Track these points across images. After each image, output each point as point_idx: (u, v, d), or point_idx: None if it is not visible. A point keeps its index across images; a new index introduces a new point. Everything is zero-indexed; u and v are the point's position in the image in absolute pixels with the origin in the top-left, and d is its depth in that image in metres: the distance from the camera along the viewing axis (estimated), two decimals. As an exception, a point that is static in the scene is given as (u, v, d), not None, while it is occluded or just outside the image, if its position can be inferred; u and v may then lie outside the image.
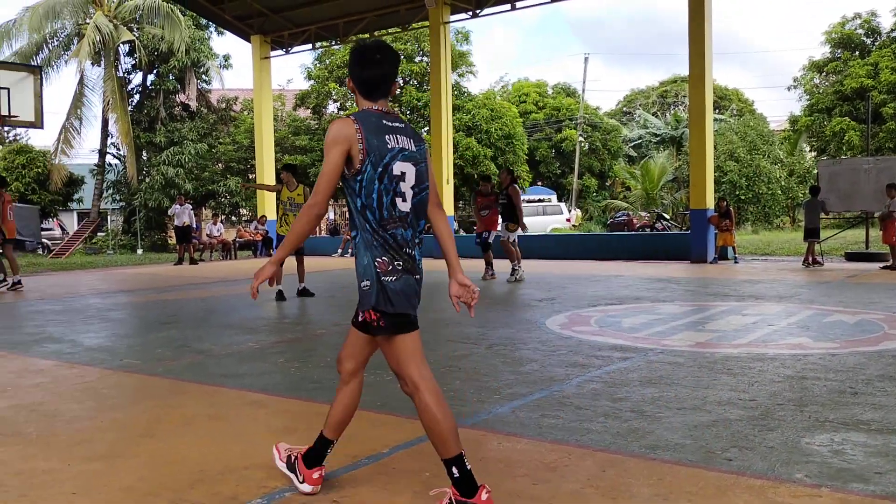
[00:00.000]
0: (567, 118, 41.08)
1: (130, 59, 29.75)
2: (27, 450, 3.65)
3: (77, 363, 5.87)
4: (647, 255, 16.53)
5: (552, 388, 4.67)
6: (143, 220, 29.01)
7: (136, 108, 29.66)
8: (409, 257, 2.77)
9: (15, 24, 26.91)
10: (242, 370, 5.48)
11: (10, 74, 16.38)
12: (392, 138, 2.73)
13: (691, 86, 15.93)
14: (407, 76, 29.75)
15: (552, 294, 9.97)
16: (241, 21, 22.41)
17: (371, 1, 20.32)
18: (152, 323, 8.44)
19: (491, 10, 19.12)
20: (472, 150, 28.43)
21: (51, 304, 10.41)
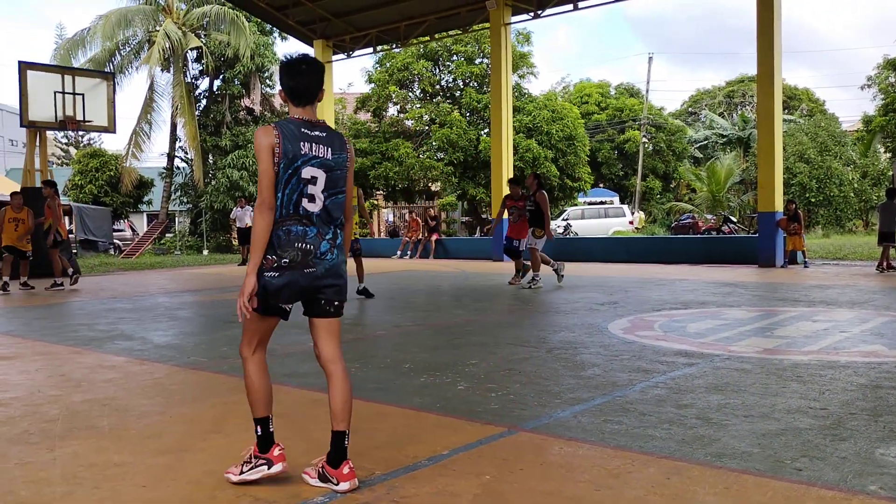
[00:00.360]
0: (630, 119, 40.51)
1: (198, 65, 30.59)
2: (100, 443, 3.77)
3: (147, 360, 6.06)
4: (713, 259, 16.16)
5: (615, 393, 4.60)
6: (208, 222, 29.76)
7: (202, 113, 30.48)
8: (302, 252, 3.06)
9: (89, 33, 27.97)
10: (304, 369, 5.56)
11: (85, 81, 17.04)
12: (307, 145, 3.06)
13: (759, 85, 15.52)
14: (467, 78, 29.78)
15: (614, 298, 9.83)
16: (304, 26, 22.79)
17: (431, 4, 20.42)
18: (218, 322, 8.64)
19: (553, 10, 18.99)
20: (533, 151, 28.26)
21: (122, 302, 10.77)
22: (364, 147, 29.30)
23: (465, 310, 9.10)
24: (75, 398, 4.75)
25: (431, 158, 29.42)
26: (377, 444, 3.66)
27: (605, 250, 18.49)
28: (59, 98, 16.14)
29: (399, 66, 29.52)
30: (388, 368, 5.49)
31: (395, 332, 7.37)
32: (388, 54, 29.39)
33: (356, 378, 5.20)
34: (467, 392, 4.68)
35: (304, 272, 3.08)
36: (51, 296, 12.04)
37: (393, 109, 31.60)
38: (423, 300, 10.49)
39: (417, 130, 30.52)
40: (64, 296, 12.02)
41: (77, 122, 16.61)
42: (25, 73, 15.89)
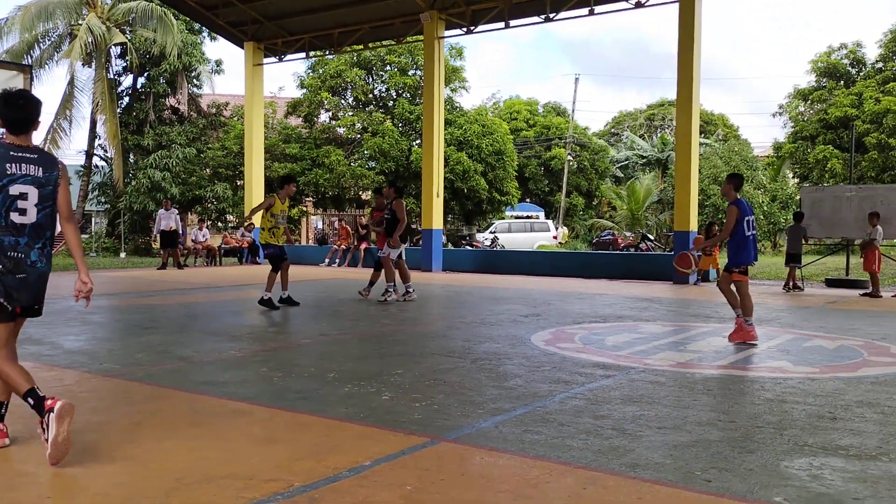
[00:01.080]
0: (556, 137, 41.34)
1: (122, 62, 29.64)
2: (3, 453, 3.61)
3: (56, 366, 5.82)
4: (631, 275, 16.61)
5: (535, 403, 4.68)
6: (127, 224, 28.81)
7: (125, 111, 29.53)
8: (13, 260, 3.50)
9: (6, 23, 26.75)
10: (224, 378, 5.45)
11: (1, 73, 16.29)
12: (15, 166, 3.50)
13: (678, 109, 16.08)
14: (400, 89, 29.81)
15: (537, 310, 9.99)
16: (234, 27, 22.41)
17: (366, 13, 20.39)
18: (134, 327, 8.38)
19: (485, 27, 19.25)
20: (463, 164, 28.48)
21: (32, 304, 10.30)
22: (294, 153, 28.93)
23: (392, 319, 9.09)
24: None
25: (363, 167, 29.29)
26: (298, 454, 3.62)
27: (530, 264, 18.77)
28: (-30, 89, 15.41)
29: (332, 73, 29.32)
30: (311, 377, 5.43)
31: (321, 341, 7.30)
32: (321, 60, 29.16)
33: (278, 387, 5.13)
34: (391, 402, 4.68)
35: (16, 278, 3.51)
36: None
37: (325, 116, 31.33)
38: (350, 309, 10.43)
39: (349, 138, 30.35)
40: None
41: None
42: (-67, 61, 15.10)
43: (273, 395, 4.88)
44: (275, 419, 4.33)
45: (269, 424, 4.21)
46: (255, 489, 3.12)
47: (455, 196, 29.42)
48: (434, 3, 18.63)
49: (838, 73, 32.92)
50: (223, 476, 3.29)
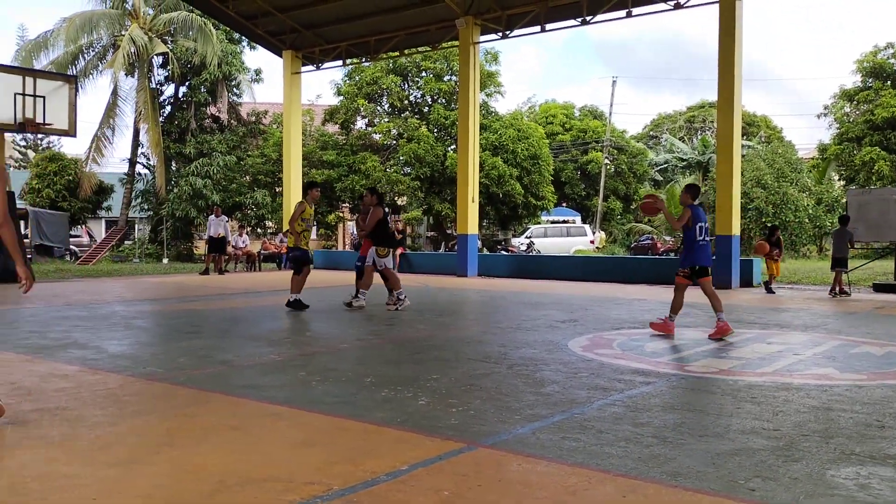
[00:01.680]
0: (593, 140, 41.06)
1: (163, 71, 30.25)
2: (50, 453, 3.68)
3: (101, 369, 5.93)
4: (671, 280, 16.34)
5: (573, 410, 4.63)
6: (169, 230, 29.32)
7: (167, 120, 30.10)
8: None
9: (52, 35, 27.48)
10: (264, 382, 5.50)
11: (47, 83, 16.72)
12: None
13: (720, 111, 15.86)
14: (435, 94, 29.91)
15: (574, 316, 9.91)
16: (273, 36, 22.71)
17: (402, 20, 20.52)
18: (176, 332, 8.51)
19: (520, 31, 19.21)
20: (498, 169, 28.44)
21: (77, 310, 10.54)
22: (331, 159, 29.20)
23: (427, 324, 9.10)
24: (25, 407, 4.63)
25: (398, 173, 29.43)
26: (336, 458, 3.64)
27: (566, 268, 18.66)
28: (20, 100, 15.81)
29: (368, 80, 29.54)
30: (349, 382, 5.46)
31: (357, 346, 7.33)
32: (357, 68, 29.40)
33: (316, 391, 5.17)
34: (428, 407, 4.68)
35: None
36: (1, 301, 11.74)
37: (361, 123, 31.59)
38: (385, 314, 10.45)
39: (385, 144, 30.53)
40: (16, 302, 11.73)
41: (36, 125, 16.27)
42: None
43: (311, 399, 4.91)
44: (313, 423, 4.35)
45: (307, 428, 4.23)
46: (294, 492, 3.14)
47: (490, 201, 29.39)
48: (469, 9, 18.65)
49: (885, 72, 32.12)
50: (263, 479, 3.32)
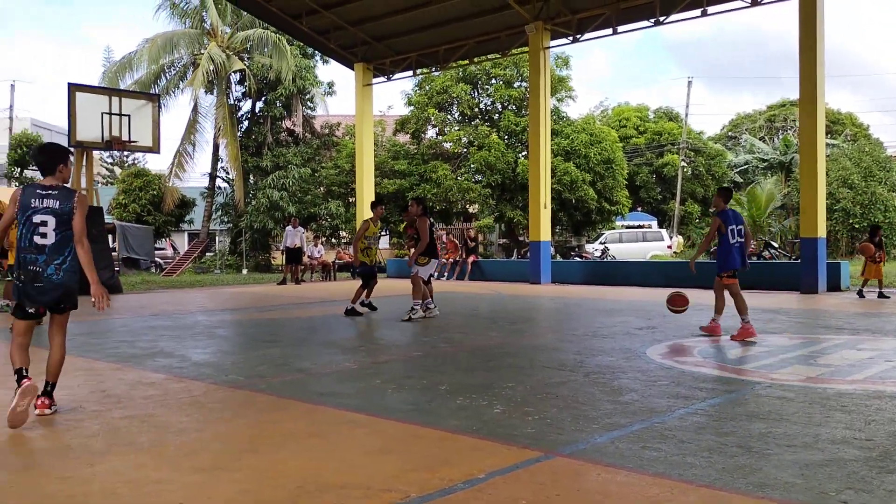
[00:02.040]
0: (669, 143, 40.21)
1: (241, 88, 31.19)
2: (139, 459, 3.82)
3: (185, 377, 6.13)
4: (753, 285, 15.85)
5: (653, 419, 4.52)
6: (248, 241, 30.15)
7: (244, 134, 31.01)
8: (31, 272, 4.55)
9: (136, 56, 28.73)
10: (340, 389, 5.57)
11: (131, 102, 17.46)
12: (38, 200, 4.54)
13: (802, 109, 15.30)
14: (505, 101, 29.85)
15: (652, 322, 9.70)
16: (345, 50, 23.13)
17: (471, 28, 20.59)
18: (255, 341, 8.72)
19: (591, 34, 19.00)
20: (571, 174, 28.15)
21: (162, 320, 10.93)
22: (403, 169, 29.49)
23: (501, 332, 9.06)
24: (115, 414, 4.81)
25: (469, 180, 29.49)
26: (412, 465, 3.64)
27: (642, 274, 18.30)
28: (106, 119, 16.55)
29: (438, 89, 29.73)
30: (423, 390, 5.47)
31: (431, 354, 7.35)
32: (427, 77, 29.63)
33: (391, 399, 5.20)
34: (503, 415, 4.64)
35: (36, 285, 4.55)
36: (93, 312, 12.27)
37: (432, 132, 31.80)
38: (459, 322, 10.47)
39: (456, 153, 30.65)
40: (106, 312, 12.24)
41: (123, 143, 17.00)
42: (74, 94, 16.34)
43: (386, 407, 4.95)
44: (389, 430, 4.38)
45: (383, 435, 4.26)
46: (372, 498, 3.16)
47: (563, 207, 29.11)
48: (539, 14, 18.57)
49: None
50: (341, 485, 3.35)
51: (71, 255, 4.63)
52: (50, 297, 4.60)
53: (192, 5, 29.86)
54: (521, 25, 19.11)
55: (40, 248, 4.54)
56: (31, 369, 4.63)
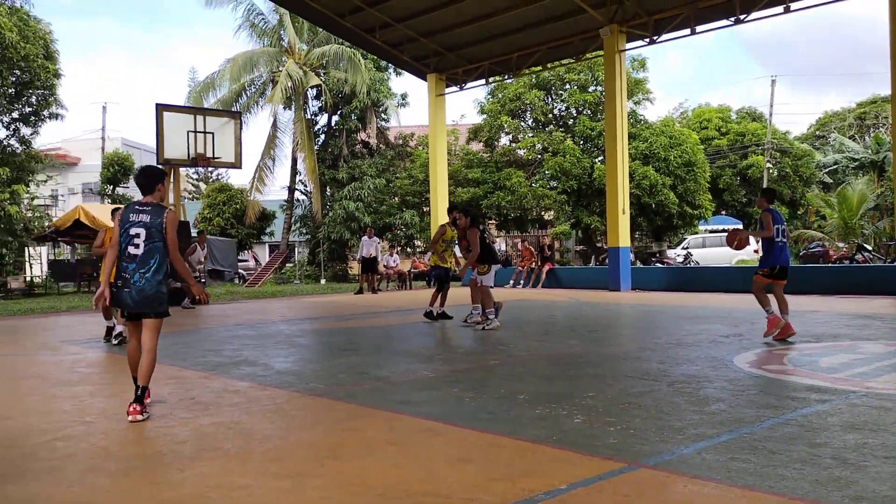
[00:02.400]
0: (753, 144, 38.97)
1: (317, 102, 31.91)
2: (226, 464, 3.92)
3: (269, 385, 6.27)
4: (846, 290, 15.18)
5: (741, 429, 4.36)
6: (326, 252, 30.75)
7: (321, 147, 31.69)
8: (124, 279, 5.10)
9: (218, 75, 29.79)
10: (419, 398, 5.60)
11: (215, 120, 18.09)
12: (134, 215, 5.15)
13: (894, 105, 14.57)
14: (580, 106, 29.57)
15: (739, 330, 9.39)
16: (418, 61, 23.37)
17: (544, 34, 20.48)
18: (335, 349, 8.87)
19: (669, 35, 18.61)
20: (650, 178, 27.61)
21: (246, 329, 11.24)
22: (476, 177, 29.54)
23: (580, 340, 8.93)
24: (203, 421, 4.96)
25: (544, 187, 29.29)
26: (493, 475, 3.62)
27: (728, 280, 17.74)
28: (192, 137, 17.18)
29: (511, 97, 29.69)
30: (502, 398, 5.44)
31: (509, 362, 7.31)
32: (500, 85, 29.63)
33: (470, 407, 5.19)
34: (585, 425, 4.57)
35: (126, 290, 5.08)
36: (182, 322, 12.73)
37: (505, 139, 31.76)
38: (536, 330, 10.38)
39: (530, 159, 30.51)
40: (194, 322, 12.68)
41: (207, 159, 17.61)
42: (162, 114, 17.04)
43: (465, 416, 4.94)
44: (468, 439, 4.36)
45: (463, 444, 4.25)
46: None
47: (642, 212, 28.57)
48: (614, 17, 18.32)
49: None
50: (422, 493, 3.36)
51: (156, 266, 5.10)
52: (135, 302, 5.08)
53: (270, 25, 30.76)
54: (595, 29, 18.89)
55: (132, 257, 5.07)
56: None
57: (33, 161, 23.43)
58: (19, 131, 22.75)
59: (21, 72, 20.95)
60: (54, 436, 4.63)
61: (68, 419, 5.10)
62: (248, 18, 30.36)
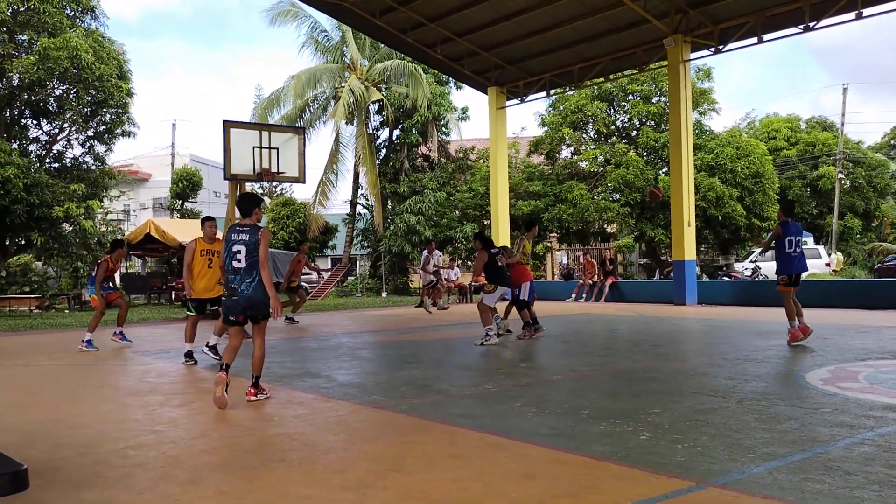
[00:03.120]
0: (824, 154, 37.77)
1: (379, 117, 32.27)
2: (291, 475, 3.97)
3: (332, 397, 6.34)
4: (925, 304, 14.52)
5: (815, 449, 4.20)
6: (387, 265, 30.99)
7: (382, 161, 32.02)
8: (231, 289, 6.04)
9: (283, 92, 30.45)
10: (480, 412, 5.57)
11: (279, 136, 18.44)
12: (236, 235, 6.05)
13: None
14: (643, 117, 29.17)
15: (812, 346, 9.07)
16: (478, 75, 23.44)
17: (606, 45, 20.31)
18: (396, 362, 8.91)
19: (735, 44, 18.22)
20: (716, 190, 27.00)
21: (309, 341, 11.40)
22: (537, 189, 29.39)
23: (644, 355, 8.76)
24: (269, 432, 5.04)
25: (606, 199, 28.95)
26: (557, 491, 3.57)
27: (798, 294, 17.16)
28: (257, 152, 17.57)
29: (572, 108, 29.48)
30: (565, 414, 5.37)
31: (572, 377, 7.22)
32: (561, 97, 29.47)
33: (532, 422, 5.14)
34: (650, 442, 4.47)
35: (234, 299, 6.01)
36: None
37: (566, 151, 31.54)
38: (599, 344, 10.23)
39: (592, 172, 30.21)
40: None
41: (272, 174, 17.96)
42: (229, 131, 17.47)
43: (528, 431, 4.89)
44: (531, 454, 4.32)
45: (525, 460, 4.20)
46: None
47: (708, 224, 27.95)
48: (678, 27, 18.05)
49: None
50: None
51: (257, 276, 5.98)
52: (242, 307, 6.00)
53: (333, 42, 31.31)
54: (658, 39, 18.64)
55: (236, 270, 6.00)
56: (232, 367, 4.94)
57: (107, 177, 24.35)
58: (94, 149, 23.70)
59: (96, 91, 21.82)
60: (126, 444, 4.77)
61: (139, 428, 5.25)
62: (312, 35, 30.97)
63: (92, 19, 23.24)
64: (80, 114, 22.14)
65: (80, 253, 23.09)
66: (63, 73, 20.78)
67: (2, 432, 5.04)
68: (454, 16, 20.32)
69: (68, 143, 23.69)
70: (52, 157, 23.50)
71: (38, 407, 6.25)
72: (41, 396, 6.81)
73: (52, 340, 12.46)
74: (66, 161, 23.66)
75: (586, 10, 18.94)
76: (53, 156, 23.54)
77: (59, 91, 22.24)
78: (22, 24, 21.24)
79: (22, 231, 21.81)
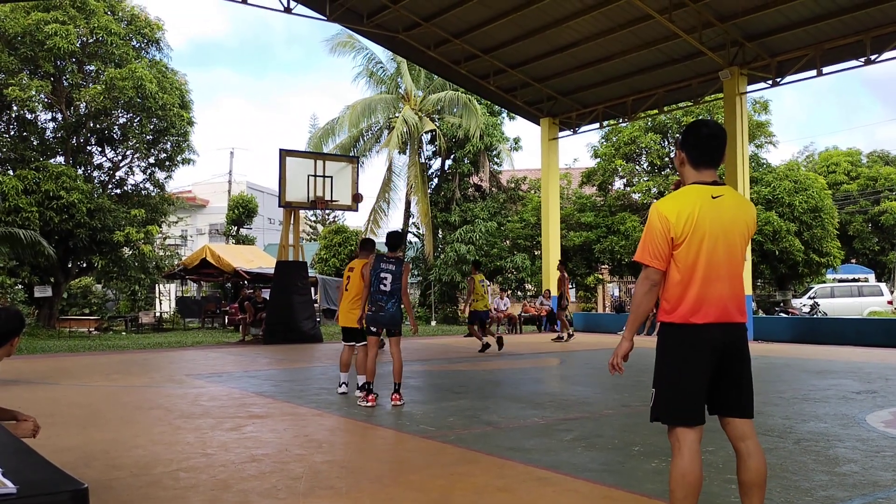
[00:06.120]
0: (886, 189, 36.71)
1: (431, 147, 32.61)
2: (338, 503, 3.98)
3: (380, 426, 6.35)
4: None
5: (877, 493, 4.04)
6: (437, 294, 31.04)
7: (434, 191, 32.25)
8: (378, 306, 7.46)
9: (338, 122, 31.04)
10: (529, 445, 5.51)
11: (334, 165, 18.78)
12: (384, 264, 7.51)
13: None
14: (697, 150, 28.81)
15: (873, 386, 8.75)
16: (531, 106, 23.53)
17: (660, 77, 20.20)
18: (444, 391, 8.89)
19: (792, 77, 17.94)
20: (773, 224, 26.43)
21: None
22: (589, 221, 29.19)
23: (696, 392, 8.55)
24: (317, 458, 5.07)
25: (659, 232, 28.55)
26: (605, 529, 3.49)
27: (858, 332, 16.63)
28: (311, 180, 17.90)
29: (626, 140, 29.32)
30: (615, 450, 5.28)
31: (623, 412, 7.10)
32: (614, 129, 29.33)
33: (582, 457, 5.06)
34: (704, 482, 4.35)
35: (379, 315, 7.42)
36: (295, 360, 13.12)
37: (619, 183, 31.31)
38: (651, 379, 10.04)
39: (645, 203, 29.90)
40: (308, 359, 13.05)
41: (326, 202, 18.26)
42: (285, 159, 17.86)
43: (577, 466, 4.82)
44: (581, 490, 4.25)
45: (574, 495, 4.14)
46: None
47: (765, 259, 27.33)
48: (734, 59, 17.86)
49: None
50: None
51: (398, 299, 7.46)
52: (385, 322, 7.47)
53: (388, 73, 31.85)
54: (714, 72, 18.46)
55: (384, 292, 7.42)
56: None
57: (166, 203, 25.09)
58: (155, 175, 24.47)
59: (159, 120, 22.59)
60: (178, 466, 4.85)
61: (191, 450, 5.34)
62: (367, 67, 31.56)
63: (157, 51, 24.17)
64: (142, 141, 22.92)
65: (138, 276, 23.74)
66: (128, 103, 21.60)
67: (62, 451, 5.18)
68: (508, 48, 20.50)
69: (130, 170, 24.55)
70: (115, 182, 24.34)
71: (96, 427, 6.41)
72: (100, 417, 6.99)
73: (110, 362, 12.79)
74: (128, 187, 24.48)
75: (640, 43, 18.91)
76: (116, 182, 24.37)
77: (123, 119, 23.10)
78: (90, 55, 22.19)
79: (84, 254, 22.57)
